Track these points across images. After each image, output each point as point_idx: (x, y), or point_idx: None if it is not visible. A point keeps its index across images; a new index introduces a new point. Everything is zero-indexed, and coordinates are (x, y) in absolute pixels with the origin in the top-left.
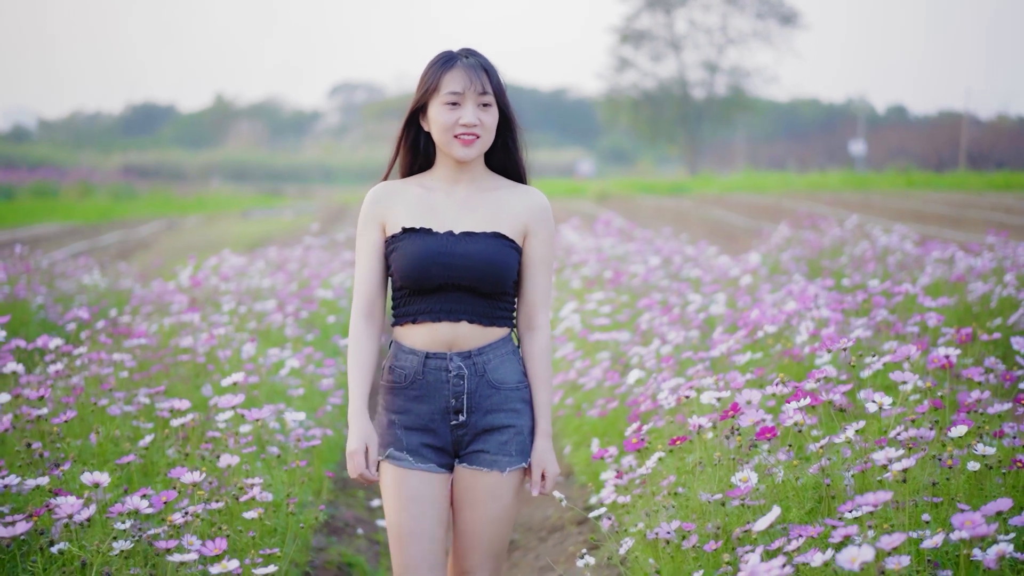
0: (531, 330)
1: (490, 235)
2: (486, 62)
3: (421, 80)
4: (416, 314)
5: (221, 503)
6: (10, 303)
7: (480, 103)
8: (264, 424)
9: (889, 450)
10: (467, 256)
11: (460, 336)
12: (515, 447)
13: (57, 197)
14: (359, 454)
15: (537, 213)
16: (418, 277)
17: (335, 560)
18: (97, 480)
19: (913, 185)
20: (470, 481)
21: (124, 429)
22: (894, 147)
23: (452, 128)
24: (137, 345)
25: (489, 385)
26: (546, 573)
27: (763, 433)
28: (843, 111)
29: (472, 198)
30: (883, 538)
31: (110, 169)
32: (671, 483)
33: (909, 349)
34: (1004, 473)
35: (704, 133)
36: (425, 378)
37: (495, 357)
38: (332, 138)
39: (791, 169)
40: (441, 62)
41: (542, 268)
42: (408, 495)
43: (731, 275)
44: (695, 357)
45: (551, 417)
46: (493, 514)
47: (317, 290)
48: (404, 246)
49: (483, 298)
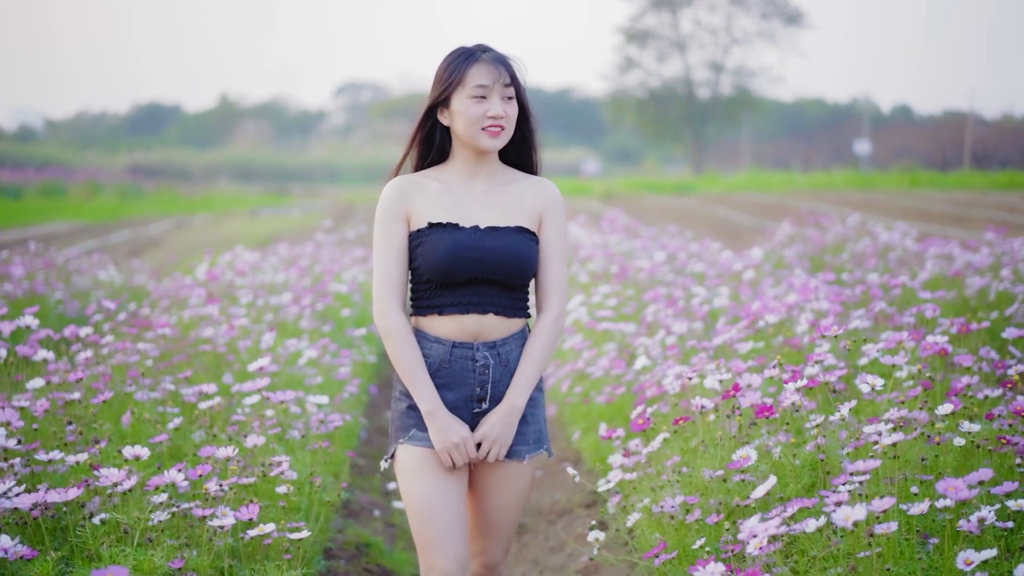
0: (542, 311)
1: (514, 229)
2: (504, 56)
3: (442, 74)
4: (443, 306)
5: (252, 478)
6: (29, 297)
7: (505, 95)
8: (285, 408)
9: (879, 424)
10: (495, 251)
11: (486, 327)
12: (532, 435)
13: (64, 196)
14: (470, 439)
15: (551, 203)
16: (449, 271)
17: (353, 540)
18: (137, 454)
19: (917, 184)
20: (491, 470)
21: (151, 414)
22: (899, 147)
23: (480, 120)
24: (160, 335)
25: (511, 375)
26: (556, 553)
27: (762, 411)
28: (848, 111)
29: (491, 192)
30: (874, 501)
31: (116, 169)
32: (676, 463)
33: (902, 335)
34: (990, 451)
35: (709, 133)
36: (451, 366)
37: (516, 348)
38: (338, 138)
39: (796, 169)
40: (464, 56)
41: (556, 255)
42: (432, 470)
43: (734, 270)
44: (699, 346)
45: (528, 395)
46: (509, 498)
47: (330, 284)
48: (432, 241)
49: (507, 290)
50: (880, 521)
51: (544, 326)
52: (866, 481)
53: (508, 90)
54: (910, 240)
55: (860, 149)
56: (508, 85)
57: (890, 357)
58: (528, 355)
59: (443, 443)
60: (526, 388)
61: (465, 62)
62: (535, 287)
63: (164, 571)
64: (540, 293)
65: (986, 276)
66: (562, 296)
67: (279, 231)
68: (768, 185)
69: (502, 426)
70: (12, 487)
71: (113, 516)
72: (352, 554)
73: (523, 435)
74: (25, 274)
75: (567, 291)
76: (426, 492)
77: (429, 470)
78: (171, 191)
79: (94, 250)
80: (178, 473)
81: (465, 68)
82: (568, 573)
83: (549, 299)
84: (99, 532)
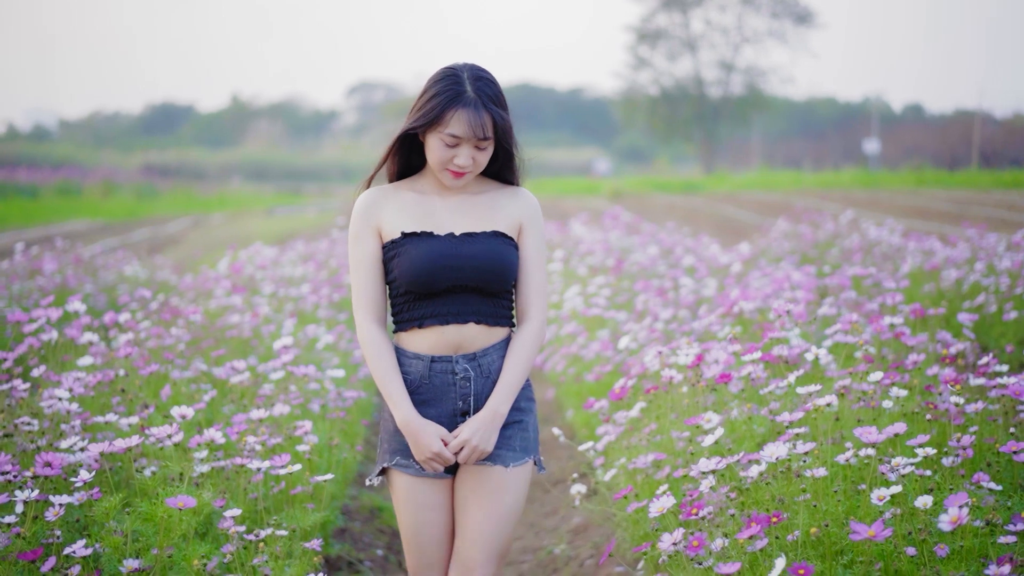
0: (523, 321)
1: (490, 234)
2: (494, 93)
3: (424, 105)
4: (422, 318)
5: (279, 438)
6: (61, 290)
7: (478, 145)
8: (307, 381)
9: (813, 386)
10: (473, 257)
11: (467, 338)
12: (518, 442)
13: (80, 195)
14: (444, 450)
15: (529, 211)
16: (426, 281)
17: (367, 505)
18: (184, 413)
19: (923, 183)
20: (476, 477)
21: (186, 390)
22: (909, 145)
23: (446, 163)
24: (190, 322)
25: (493, 386)
26: (550, 517)
27: (722, 378)
28: (860, 110)
29: (466, 200)
30: (799, 444)
31: (131, 168)
32: (652, 430)
33: (851, 316)
34: (914, 414)
35: (720, 132)
36: (431, 382)
37: (498, 358)
38: (350, 137)
39: (806, 168)
40: (450, 97)
41: (536, 263)
42: (421, 502)
43: (722, 263)
44: (680, 329)
45: (510, 402)
46: (497, 510)
47: (345, 277)
48: (407, 251)
49: (488, 298)
50: (808, 467)
51: (525, 336)
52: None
53: (483, 142)
54: (896, 236)
55: (869, 148)
56: (483, 139)
57: (843, 336)
58: (509, 363)
59: (419, 455)
60: (508, 395)
61: (449, 104)
62: (516, 296)
63: (210, 509)
64: (521, 303)
65: (962, 269)
66: (543, 306)
67: (295, 229)
68: (776, 184)
69: (483, 432)
70: (77, 441)
71: (164, 465)
72: (366, 516)
73: (507, 439)
74: (57, 268)
75: (548, 300)
76: (415, 522)
77: (417, 499)
78: (186, 190)
79: (116, 247)
80: (216, 432)
81: (445, 110)
82: (560, 532)
83: (531, 308)
84: (153, 480)
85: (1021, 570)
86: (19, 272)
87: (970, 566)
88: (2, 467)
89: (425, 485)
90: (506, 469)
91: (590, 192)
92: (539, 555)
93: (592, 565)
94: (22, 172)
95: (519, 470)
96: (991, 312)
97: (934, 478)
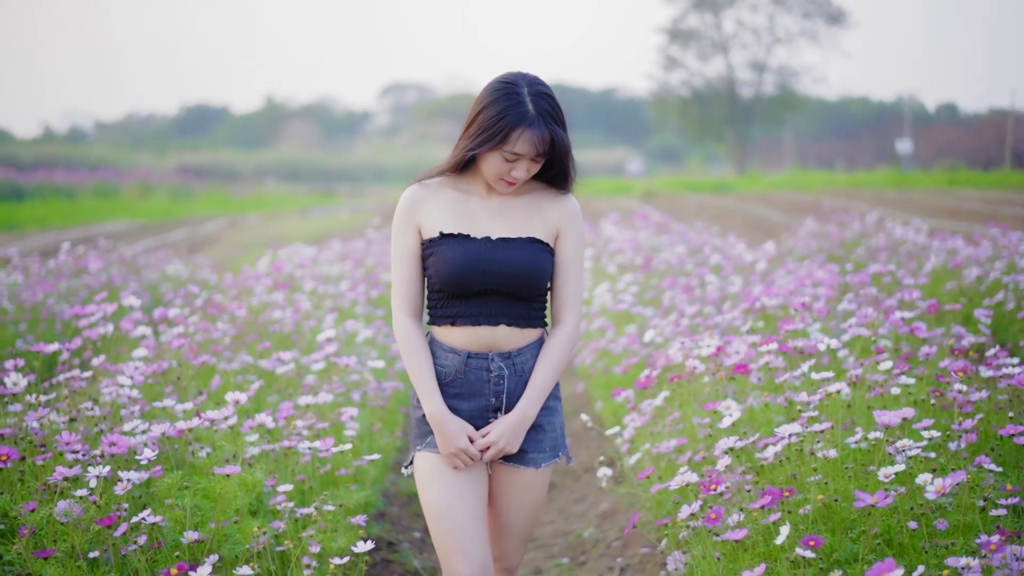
0: (557, 324)
1: (526, 240)
2: (554, 110)
3: (487, 120)
4: (455, 317)
5: (325, 424)
6: (106, 287)
7: (535, 160)
8: (348, 372)
9: (826, 373)
10: (506, 263)
11: (499, 338)
12: (548, 443)
13: (117, 196)
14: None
15: (568, 216)
16: (459, 282)
17: (404, 491)
18: (237, 399)
19: (956, 183)
20: (507, 477)
21: (234, 380)
22: (943, 145)
23: (503, 175)
24: (234, 317)
25: (526, 384)
26: (579, 503)
27: (739, 368)
28: (893, 109)
29: (507, 203)
30: (815, 424)
31: (166, 170)
32: (675, 418)
33: (868, 311)
34: (922, 400)
35: (752, 132)
36: (467, 376)
37: (532, 358)
38: (383, 138)
39: (839, 168)
40: (514, 117)
41: (573, 268)
42: (449, 476)
43: (747, 262)
44: (704, 324)
45: (539, 405)
46: (527, 505)
47: (381, 275)
48: (443, 251)
49: (520, 301)
50: (821, 448)
51: (559, 339)
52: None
53: (541, 157)
54: (922, 236)
55: (902, 148)
56: (541, 155)
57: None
58: (541, 366)
59: (445, 449)
60: (537, 399)
61: (514, 125)
62: (551, 298)
63: (261, 487)
64: (556, 306)
65: (984, 267)
66: (578, 310)
67: (330, 229)
68: (808, 184)
69: (510, 434)
70: (139, 424)
71: (218, 446)
72: (403, 501)
73: (539, 443)
74: (102, 267)
75: (583, 306)
76: (443, 499)
77: (445, 476)
78: (221, 191)
79: (156, 247)
80: (267, 416)
81: (510, 131)
82: (589, 517)
83: (565, 312)
84: (208, 461)
85: (1011, 540)
86: (65, 271)
87: (968, 539)
88: (72, 447)
89: (454, 468)
90: (537, 471)
91: (622, 192)
92: (569, 538)
93: (619, 547)
94: (60, 174)
95: (548, 468)
96: (1009, 309)
97: (939, 460)
